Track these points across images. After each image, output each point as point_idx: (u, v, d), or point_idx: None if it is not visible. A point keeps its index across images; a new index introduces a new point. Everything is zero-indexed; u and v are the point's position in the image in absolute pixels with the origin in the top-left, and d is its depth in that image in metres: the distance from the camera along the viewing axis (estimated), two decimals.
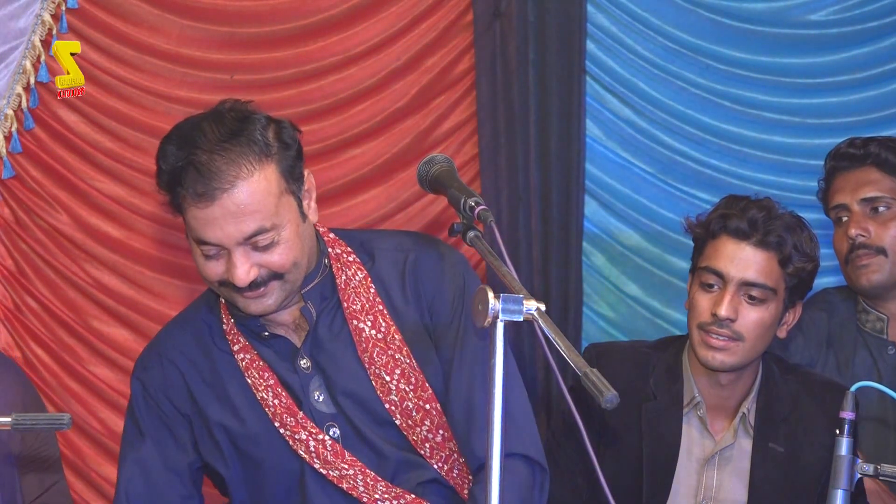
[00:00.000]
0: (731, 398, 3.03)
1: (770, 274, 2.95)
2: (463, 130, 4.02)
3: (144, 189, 3.91)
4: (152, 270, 3.92)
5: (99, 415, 3.90)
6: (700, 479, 2.99)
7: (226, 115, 2.44)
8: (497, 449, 2.00)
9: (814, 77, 4.02)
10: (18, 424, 2.39)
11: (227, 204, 2.37)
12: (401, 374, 2.53)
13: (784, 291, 2.97)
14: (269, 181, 2.41)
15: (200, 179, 2.36)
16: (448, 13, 3.98)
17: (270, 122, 2.47)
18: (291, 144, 2.47)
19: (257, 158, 2.39)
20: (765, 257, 2.95)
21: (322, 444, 2.51)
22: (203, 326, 2.62)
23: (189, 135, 2.41)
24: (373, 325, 2.54)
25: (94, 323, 3.91)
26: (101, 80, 3.88)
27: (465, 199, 2.27)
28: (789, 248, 2.95)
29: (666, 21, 3.99)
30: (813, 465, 2.97)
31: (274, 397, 2.53)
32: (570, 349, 2.01)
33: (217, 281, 2.47)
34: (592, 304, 4.07)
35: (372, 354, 2.53)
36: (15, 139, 3.83)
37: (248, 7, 3.95)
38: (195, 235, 2.43)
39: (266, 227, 2.41)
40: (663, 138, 4.02)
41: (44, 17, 3.81)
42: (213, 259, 2.44)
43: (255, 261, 2.42)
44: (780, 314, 2.98)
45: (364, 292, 2.57)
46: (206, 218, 2.39)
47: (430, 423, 2.54)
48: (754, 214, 2.98)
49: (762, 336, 2.97)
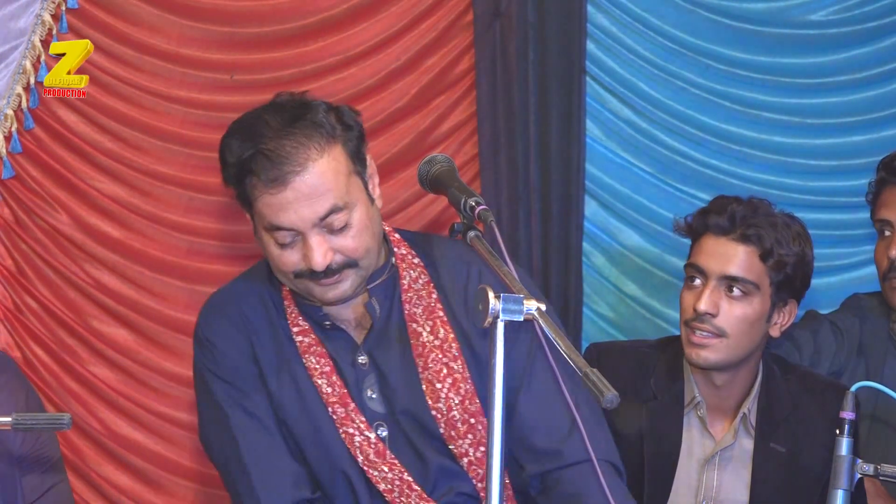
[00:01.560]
0: (730, 398, 3.03)
1: (751, 268, 2.95)
2: (463, 130, 4.01)
3: (144, 189, 3.91)
4: (152, 270, 3.91)
5: (99, 415, 3.89)
6: (700, 480, 2.99)
7: (285, 104, 2.49)
8: (497, 449, 2.00)
9: (814, 77, 4.02)
10: (18, 424, 2.39)
11: (299, 186, 2.40)
12: (452, 383, 2.53)
13: (770, 288, 2.96)
14: (337, 161, 2.44)
15: (271, 165, 2.39)
16: (448, 13, 3.98)
17: (330, 107, 2.51)
18: (353, 126, 2.51)
19: (324, 140, 2.43)
20: (745, 251, 2.96)
21: (367, 441, 2.51)
22: (265, 295, 2.62)
23: (251, 126, 2.45)
24: (431, 331, 2.55)
25: (94, 323, 3.90)
26: (101, 80, 3.87)
27: (466, 198, 2.28)
28: (770, 243, 2.95)
29: (666, 21, 3.99)
30: (814, 466, 2.97)
31: (328, 385, 2.53)
32: (571, 349, 2.02)
33: (293, 272, 2.48)
34: (592, 304, 4.07)
35: (427, 360, 2.53)
36: (15, 139, 3.83)
37: (248, 7, 3.94)
38: (268, 222, 2.44)
39: (339, 206, 2.43)
40: (663, 138, 4.02)
41: (44, 17, 3.81)
42: (287, 248, 2.46)
43: (331, 245, 2.45)
44: (766, 311, 2.97)
45: (426, 297, 2.58)
46: (280, 203, 2.41)
47: (472, 437, 2.53)
48: (734, 209, 3.00)
49: (747, 333, 2.96)
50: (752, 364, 3.03)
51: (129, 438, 3.88)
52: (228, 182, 2.49)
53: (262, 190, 2.43)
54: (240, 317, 2.63)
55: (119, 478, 3.88)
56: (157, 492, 3.85)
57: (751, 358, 3.02)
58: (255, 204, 2.46)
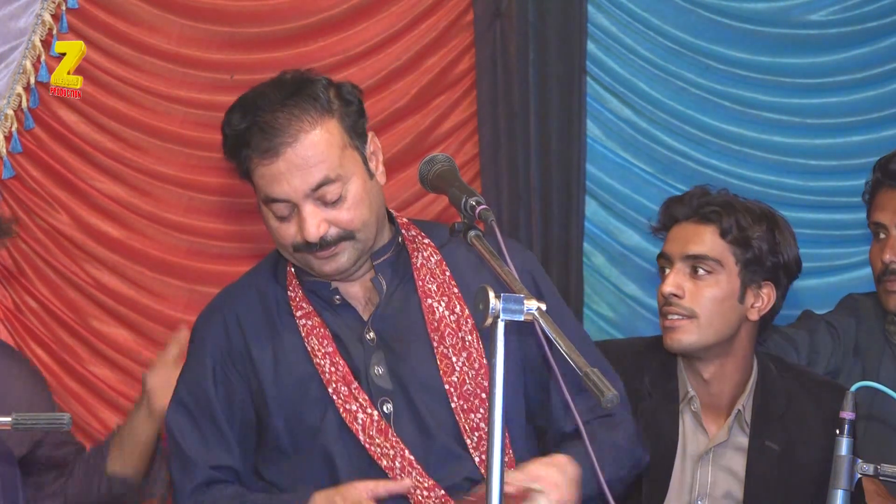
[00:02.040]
0: (721, 395, 3.02)
1: (712, 245, 2.97)
2: (463, 130, 4.02)
3: (144, 189, 3.91)
4: (152, 270, 3.92)
5: (99, 415, 3.89)
6: (695, 476, 2.99)
7: (286, 80, 2.54)
8: (497, 449, 2.00)
9: (814, 77, 4.02)
10: (19, 424, 2.39)
11: (291, 157, 2.45)
12: (467, 356, 2.55)
13: (736, 266, 2.96)
14: (331, 134, 2.49)
15: (264, 137, 2.45)
16: (448, 13, 3.98)
17: (331, 83, 2.55)
18: (352, 101, 2.55)
19: (318, 114, 2.48)
20: (704, 230, 2.98)
21: (370, 418, 2.52)
22: (267, 289, 2.66)
23: (252, 100, 2.52)
24: (447, 307, 2.58)
25: (94, 323, 3.90)
26: (101, 80, 3.88)
27: (467, 198, 2.29)
28: (730, 222, 2.96)
29: (666, 21, 3.99)
30: (809, 464, 2.97)
31: (331, 365, 2.55)
32: (571, 349, 2.02)
33: (291, 245, 2.52)
34: (592, 304, 4.07)
35: (443, 333, 2.56)
36: (15, 139, 3.83)
37: (248, 7, 3.95)
38: (264, 194, 2.50)
39: (331, 178, 2.47)
40: (663, 138, 4.02)
41: (44, 17, 3.81)
42: (285, 221, 2.50)
43: (325, 216, 2.48)
44: (735, 290, 2.97)
45: (440, 274, 2.61)
46: (273, 174, 2.46)
47: (484, 411, 2.54)
48: (692, 194, 3.04)
49: (718, 312, 2.96)
50: (738, 357, 3.01)
51: None
52: (227, 155, 2.55)
53: (256, 162, 2.48)
54: (234, 318, 2.65)
55: None
56: None
57: (732, 346, 3.00)
58: (252, 177, 2.52)
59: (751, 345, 3.05)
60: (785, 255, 3.01)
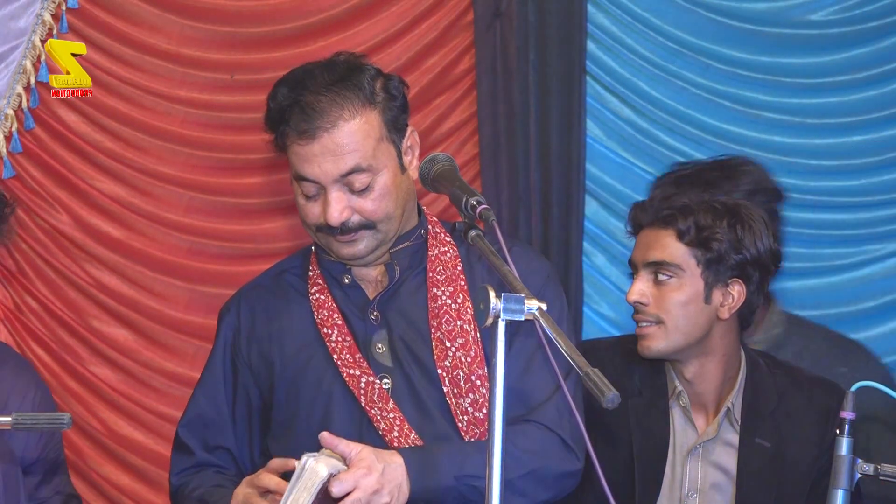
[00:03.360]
0: (707, 393, 3.01)
1: (671, 250, 2.94)
2: (463, 130, 4.02)
3: (144, 189, 3.91)
4: (152, 270, 3.92)
5: (99, 415, 3.89)
6: (685, 471, 2.98)
7: (338, 64, 2.60)
8: (498, 449, 2.00)
9: (814, 77, 4.02)
10: (19, 424, 2.39)
11: (326, 142, 2.51)
12: (462, 343, 2.59)
13: (699, 267, 2.94)
14: (370, 125, 2.54)
15: (304, 117, 2.51)
16: (448, 13, 3.98)
17: (380, 74, 2.60)
18: (397, 96, 2.60)
19: (361, 104, 2.53)
20: (662, 235, 2.96)
21: (372, 385, 2.57)
22: (291, 267, 2.75)
23: (300, 78, 2.57)
24: (451, 296, 2.62)
25: (94, 323, 3.90)
26: (101, 80, 3.87)
27: (467, 198, 2.30)
28: (687, 223, 2.94)
29: (666, 21, 3.99)
30: (800, 461, 2.96)
31: (338, 334, 2.62)
32: (572, 349, 2.02)
33: (315, 224, 2.58)
34: (592, 304, 4.07)
35: (441, 320, 2.60)
36: (15, 139, 3.83)
37: (248, 7, 3.95)
38: (295, 172, 2.56)
39: (362, 167, 2.52)
40: (663, 138, 4.02)
41: (44, 17, 3.81)
42: (312, 200, 2.56)
43: (350, 203, 2.54)
44: (700, 291, 2.95)
45: (451, 268, 2.65)
46: (307, 154, 2.52)
47: (473, 397, 2.57)
48: (652, 198, 3.03)
49: (685, 316, 2.94)
50: (719, 355, 2.99)
51: (129, 438, 3.89)
52: (267, 126, 2.60)
53: (292, 139, 2.54)
54: (249, 302, 2.73)
55: (119, 477, 3.88)
56: (157, 491, 3.85)
57: (709, 346, 2.97)
58: (288, 152, 2.58)
59: (732, 342, 3.02)
60: (752, 251, 2.95)
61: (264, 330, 2.69)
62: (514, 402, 2.57)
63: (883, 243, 4.01)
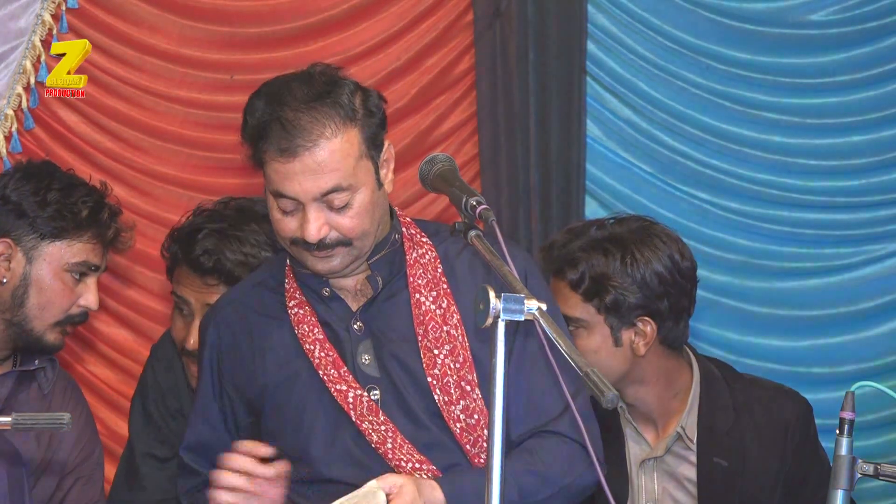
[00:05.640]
0: (650, 414, 2.95)
1: (571, 304, 2.89)
2: (463, 130, 4.02)
3: (144, 189, 3.91)
4: (152, 270, 3.92)
5: (99, 415, 3.89)
6: (640, 482, 2.96)
7: (315, 77, 2.54)
8: (498, 448, 2.00)
9: (814, 77, 4.02)
10: (19, 424, 2.39)
11: (307, 161, 2.47)
12: (450, 350, 2.57)
13: (600, 315, 2.88)
14: (350, 144, 2.50)
15: (285, 135, 2.46)
16: (448, 13, 3.98)
17: (358, 88, 2.55)
18: (376, 113, 2.56)
19: (342, 122, 2.49)
20: (561, 286, 2.91)
21: (360, 399, 2.55)
22: (267, 280, 2.71)
23: (278, 92, 2.51)
24: (434, 301, 2.60)
25: (94, 323, 3.90)
26: (101, 80, 3.88)
27: (467, 198, 2.29)
28: (576, 273, 2.88)
29: (666, 21, 4.00)
30: (761, 474, 2.91)
31: (320, 350, 2.59)
32: (572, 349, 2.02)
33: (289, 238, 2.55)
34: None
35: (427, 327, 2.58)
36: (15, 139, 3.83)
37: (248, 7, 3.95)
38: (273, 188, 2.52)
39: (342, 186, 2.49)
40: (663, 138, 4.02)
41: (44, 17, 3.81)
42: (288, 215, 2.53)
43: (328, 220, 2.51)
44: (608, 337, 2.89)
45: (431, 270, 2.63)
46: (287, 172, 2.48)
47: (465, 403, 2.55)
48: (551, 244, 2.97)
49: (601, 361, 2.86)
50: (653, 384, 2.91)
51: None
52: (244, 140, 2.56)
53: (272, 156, 2.50)
54: (227, 316, 2.70)
55: None
56: None
57: (640, 377, 2.91)
58: (265, 168, 2.54)
59: (665, 366, 2.96)
60: (651, 284, 2.87)
61: (247, 348, 2.65)
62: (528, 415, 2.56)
63: (883, 243, 4.01)
